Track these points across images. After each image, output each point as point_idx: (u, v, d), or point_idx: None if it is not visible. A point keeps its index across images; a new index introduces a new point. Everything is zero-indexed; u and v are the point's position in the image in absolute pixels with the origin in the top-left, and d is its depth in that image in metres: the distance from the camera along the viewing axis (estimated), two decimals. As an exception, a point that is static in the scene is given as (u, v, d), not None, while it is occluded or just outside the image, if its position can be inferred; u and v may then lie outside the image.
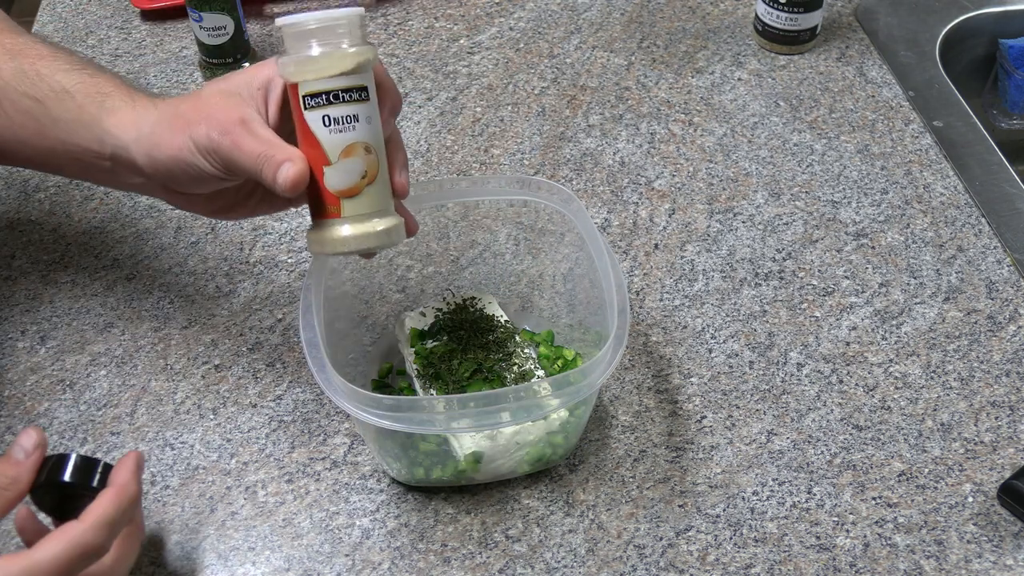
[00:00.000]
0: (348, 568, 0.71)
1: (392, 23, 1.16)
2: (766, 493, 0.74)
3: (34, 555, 0.57)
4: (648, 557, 0.71)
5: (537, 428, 0.71)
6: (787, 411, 0.79)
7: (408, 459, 0.72)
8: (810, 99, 1.05)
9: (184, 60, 1.11)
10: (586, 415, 0.74)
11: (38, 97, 0.71)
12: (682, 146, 1.00)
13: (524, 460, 0.73)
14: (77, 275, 0.90)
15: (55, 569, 0.57)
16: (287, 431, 0.79)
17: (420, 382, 0.75)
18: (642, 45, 1.12)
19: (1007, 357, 0.82)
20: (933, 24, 1.13)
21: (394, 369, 0.81)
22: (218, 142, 0.62)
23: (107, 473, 0.63)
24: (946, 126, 1.01)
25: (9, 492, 0.60)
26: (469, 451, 0.71)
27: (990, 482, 0.74)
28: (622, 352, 0.67)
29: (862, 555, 0.71)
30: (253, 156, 0.62)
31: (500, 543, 0.72)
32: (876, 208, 0.94)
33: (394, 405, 0.65)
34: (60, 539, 0.58)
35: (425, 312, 0.79)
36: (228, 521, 0.74)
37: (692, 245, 0.91)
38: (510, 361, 0.75)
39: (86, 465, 0.63)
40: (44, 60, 0.73)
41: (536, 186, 0.77)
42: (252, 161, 0.62)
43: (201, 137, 0.63)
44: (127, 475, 0.62)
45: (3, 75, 0.72)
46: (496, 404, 0.66)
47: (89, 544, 0.59)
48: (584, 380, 0.66)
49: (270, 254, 0.91)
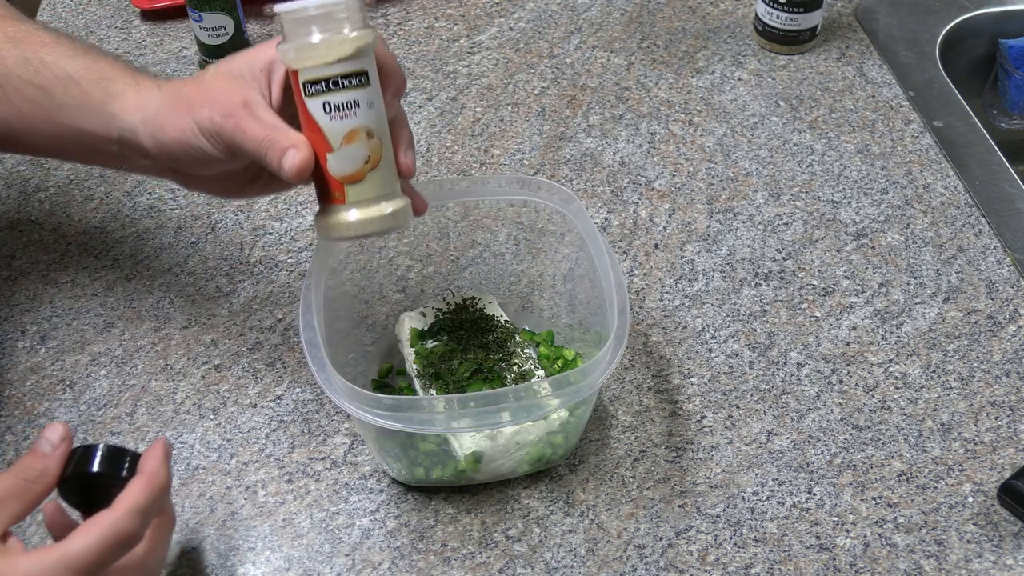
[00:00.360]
0: (348, 568, 0.71)
1: (392, 23, 1.16)
2: (766, 493, 0.74)
3: (67, 547, 0.56)
4: (648, 557, 0.71)
5: (537, 428, 0.71)
6: (787, 411, 0.79)
7: (408, 459, 0.72)
8: (810, 99, 1.05)
9: (184, 60, 1.11)
10: (586, 415, 0.74)
11: (43, 84, 0.71)
12: (682, 146, 1.00)
13: (524, 460, 0.73)
14: (77, 275, 0.90)
15: (89, 560, 0.56)
16: (287, 431, 0.79)
17: (420, 382, 0.75)
18: (642, 45, 1.12)
19: (1007, 357, 0.82)
20: (933, 24, 1.13)
21: (394, 369, 0.81)
22: (221, 125, 0.62)
23: (136, 462, 0.62)
24: (946, 126, 1.01)
25: (37, 485, 0.59)
26: (469, 451, 0.71)
27: (990, 482, 0.74)
28: (622, 352, 0.67)
29: (862, 555, 0.71)
30: (257, 140, 0.61)
31: (500, 543, 0.72)
32: (876, 208, 0.94)
33: (394, 405, 0.65)
34: (92, 529, 0.57)
35: (425, 312, 0.79)
36: (228, 521, 0.74)
37: (692, 245, 0.91)
38: (510, 361, 0.75)
39: (115, 455, 0.62)
40: (47, 47, 0.73)
41: (536, 186, 0.77)
42: (256, 145, 0.62)
43: (204, 120, 0.63)
44: (156, 463, 0.61)
45: (6, 63, 0.71)
46: (496, 404, 0.66)
47: (122, 532, 0.57)
48: (584, 380, 0.66)
49: (270, 254, 0.91)
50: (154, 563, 0.63)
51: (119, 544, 0.58)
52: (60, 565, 0.56)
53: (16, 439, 0.78)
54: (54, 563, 0.56)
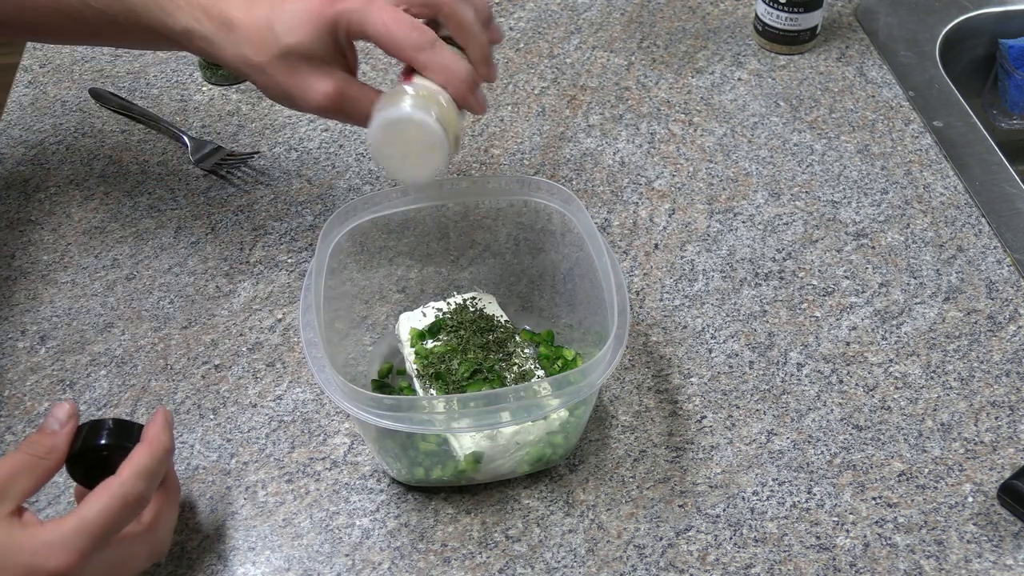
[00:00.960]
0: (348, 568, 0.71)
1: (392, 23, 1.16)
2: (766, 493, 0.74)
3: (82, 512, 0.59)
4: (648, 557, 0.71)
5: (537, 428, 0.71)
6: (787, 411, 0.79)
7: (408, 459, 0.72)
8: (810, 99, 1.05)
9: (184, 60, 1.11)
10: (586, 415, 0.74)
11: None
12: (682, 146, 1.00)
13: (524, 460, 0.73)
14: (77, 275, 0.90)
15: (104, 522, 0.59)
16: (287, 431, 0.79)
17: (420, 382, 0.75)
18: (642, 45, 1.12)
19: (1007, 357, 0.82)
20: (933, 24, 1.13)
21: (394, 369, 0.81)
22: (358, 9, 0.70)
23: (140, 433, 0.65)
24: (946, 126, 1.01)
25: (47, 461, 0.62)
26: (469, 451, 0.71)
27: (990, 482, 0.74)
28: (622, 352, 0.67)
29: (862, 555, 0.71)
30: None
31: (500, 543, 0.72)
32: (876, 208, 0.94)
33: (394, 405, 0.65)
34: (103, 493, 0.59)
35: (425, 312, 0.79)
36: (228, 521, 0.74)
37: (692, 245, 0.91)
38: (510, 361, 0.75)
39: (122, 427, 0.65)
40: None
41: (536, 186, 0.77)
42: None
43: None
44: (157, 428, 0.64)
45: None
46: (496, 404, 0.66)
47: (130, 493, 0.60)
48: (584, 380, 0.66)
49: (270, 254, 0.91)
50: (163, 533, 0.65)
51: (128, 505, 0.60)
52: (78, 531, 0.58)
53: (16, 439, 0.78)
54: (72, 529, 0.58)
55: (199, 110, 1.05)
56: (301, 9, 0.69)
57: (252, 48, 0.70)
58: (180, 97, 1.07)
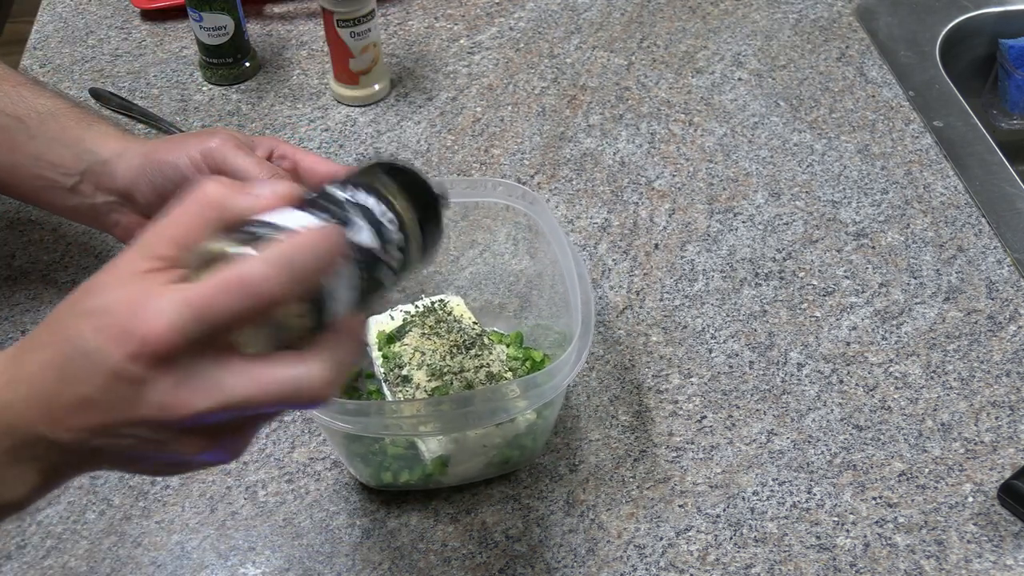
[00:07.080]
0: (348, 568, 0.71)
1: (392, 23, 1.16)
2: (766, 493, 0.74)
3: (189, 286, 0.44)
4: (648, 557, 0.71)
5: (503, 431, 0.70)
6: (787, 411, 0.79)
7: (376, 463, 0.72)
8: (810, 99, 1.05)
9: (184, 60, 1.11)
10: (553, 416, 0.73)
11: (19, 115, 0.78)
12: (682, 146, 1.00)
13: (491, 462, 0.72)
14: (77, 275, 0.90)
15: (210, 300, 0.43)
16: (287, 431, 0.79)
17: (388, 385, 0.74)
18: (642, 45, 1.12)
19: (1007, 357, 0.82)
20: (933, 24, 1.13)
21: (363, 372, 0.80)
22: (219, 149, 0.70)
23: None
24: (946, 126, 1.01)
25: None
26: (436, 455, 0.70)
27: (990, 482, 0.74)
28: (587, 353, 0.67)
29: (862, 555, 0.71)
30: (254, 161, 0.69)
31: (500, 543, 0.72)
32: (876, 208, 0.94)
33: (359, 410, 0.65)
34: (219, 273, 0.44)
35: (393, 315, 0.78)
36: (228, 521, 0.74)
37: (692, 245, 0.91)
38: (478, 363, 0.74)
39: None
40: (27, 87, 0.79)
41: (493, 186, 0.78)
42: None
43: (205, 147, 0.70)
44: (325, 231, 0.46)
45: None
46: (464, 407, 0.66)
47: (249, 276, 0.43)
48: (551, 381, 0.66)
49: (270, 254, 0.91)
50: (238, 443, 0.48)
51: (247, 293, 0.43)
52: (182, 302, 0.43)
53: (16, 439, 0.78)
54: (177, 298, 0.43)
55: (199, 110, 1.05)
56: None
57: None
58: (180, 97, 1.07)
